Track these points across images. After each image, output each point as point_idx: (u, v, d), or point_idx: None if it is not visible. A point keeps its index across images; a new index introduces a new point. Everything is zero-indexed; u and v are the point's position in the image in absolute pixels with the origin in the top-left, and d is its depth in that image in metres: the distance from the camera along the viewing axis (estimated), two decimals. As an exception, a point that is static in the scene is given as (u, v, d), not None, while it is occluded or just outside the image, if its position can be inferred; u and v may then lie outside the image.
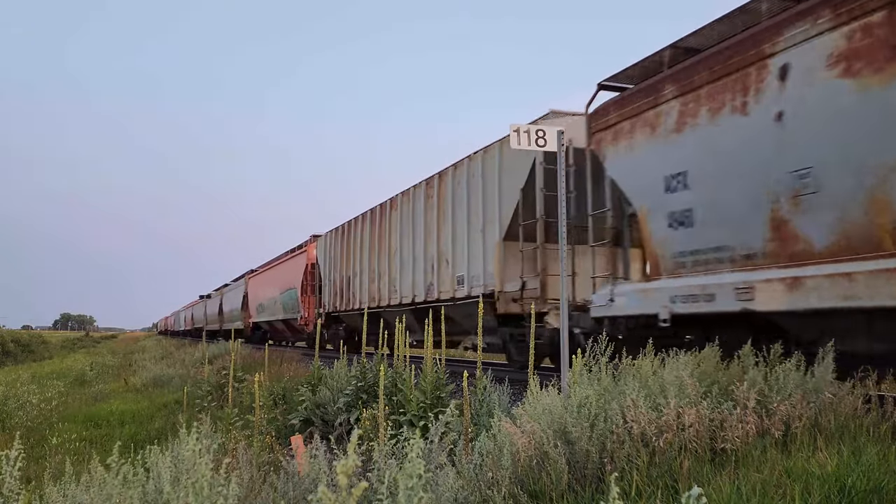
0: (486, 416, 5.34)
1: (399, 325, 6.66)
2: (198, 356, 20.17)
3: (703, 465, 3.68)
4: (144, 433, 9.16)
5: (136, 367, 22.78)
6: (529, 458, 3.71)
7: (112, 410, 11.98)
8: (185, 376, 15.94)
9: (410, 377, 6.01)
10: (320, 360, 8.53)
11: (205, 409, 8.35)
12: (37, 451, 7.85)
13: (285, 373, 12.03)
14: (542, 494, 3.57)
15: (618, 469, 3.63)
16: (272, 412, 7.69)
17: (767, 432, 4.05)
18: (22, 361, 36.99)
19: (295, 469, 3.82)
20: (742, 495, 3.16)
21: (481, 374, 5.82)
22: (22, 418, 10.24)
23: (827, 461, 3.53)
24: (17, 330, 59.61)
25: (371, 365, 7.32)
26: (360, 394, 6.94)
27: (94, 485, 3.14)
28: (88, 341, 71.31)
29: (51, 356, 42.29)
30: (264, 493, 3.63)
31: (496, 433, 3.95)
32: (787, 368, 4.73)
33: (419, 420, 5.60)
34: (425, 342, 6.05)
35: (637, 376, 4.76)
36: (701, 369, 5.05)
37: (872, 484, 3.16)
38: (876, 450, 3.67)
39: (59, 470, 4.68)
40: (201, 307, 50.94)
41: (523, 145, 6.58)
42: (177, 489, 2.41)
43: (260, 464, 4.49)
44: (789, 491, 3.14)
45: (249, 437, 5.61)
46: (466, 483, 3.63)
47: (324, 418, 7.12)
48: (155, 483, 3.03)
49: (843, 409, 4.40)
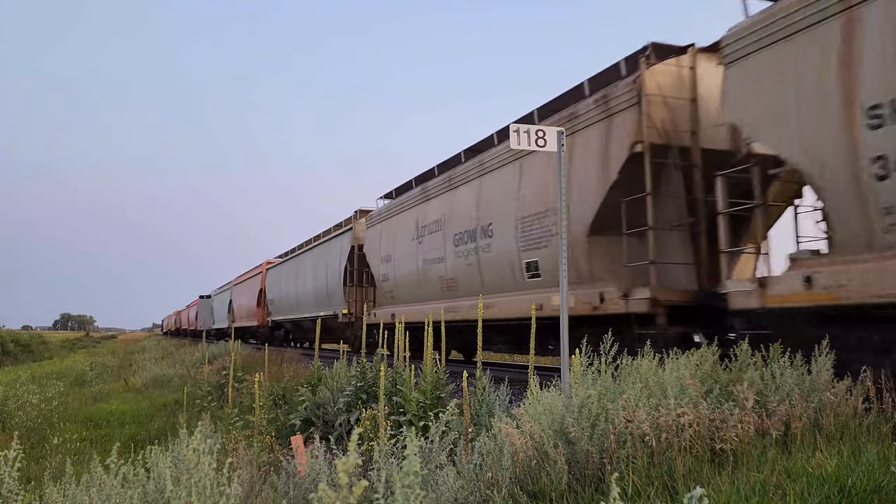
0: (486, 415, 5.34)
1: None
2: (198, 356, 20.16)
3: (702, 465, 3.68)
4: (144, 433, 9.15)
5: (136, 367, 22.78)
6: (529, 458, 3.71)
7: (112, 411, 11.98)
8: (185, 376, 15.95)
9: (410, 377, 6.02)
10: (320, 360, 8.54)
11: (205, 410, 8.35)
12: (37, 451, 7.85)
13: (285, 373, 12.03)
14: (542, 494, 3.57)
15: (618, 469, 3.63)
16: (272, 412, 7.69)
17: (767, 432, 4.05)
18: (22, 361, 36.97)
19: (295, 469, 3.83)
20: (742, 495, 3.16)
21: (481, 374, 5.82)
22: (22, 418, 10.23)
23: (827, 461, 3.53)
24: (16, 330, 59.58)
25: (371, 365, 7.33)
26: (360, 394, 6.95)
27: (94, 485, 3.14)
28: (88, 341, 71.30)
29: (50, 356, 42.27)
30: (264, 492, 3.63)
31: (496, 433, 3.95)
32: (782, 366, 4.74)
33: (419, 420, 5.60)
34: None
35: (637, 376, 4.76)
36: (703, 369, 5.05)
37: (872, 484, 3.17)
38: (876, 450, 3.67)
39: (59, 470, 4.68)
40: (222, 300, 43.34)
41: (523, 145, 6.58)
42: (178, 489, 2.42)
43: (260, 464, 4.49)
44: (789, 491, 3.15)
45: (249, 437, 5.61)
46: (466, 483, 3.63)
47: (324, 418, 7.12)
48: (156, 483, 3.03)
49: (843, 409, 4.40)
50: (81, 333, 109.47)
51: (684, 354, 5.24)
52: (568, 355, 5.21)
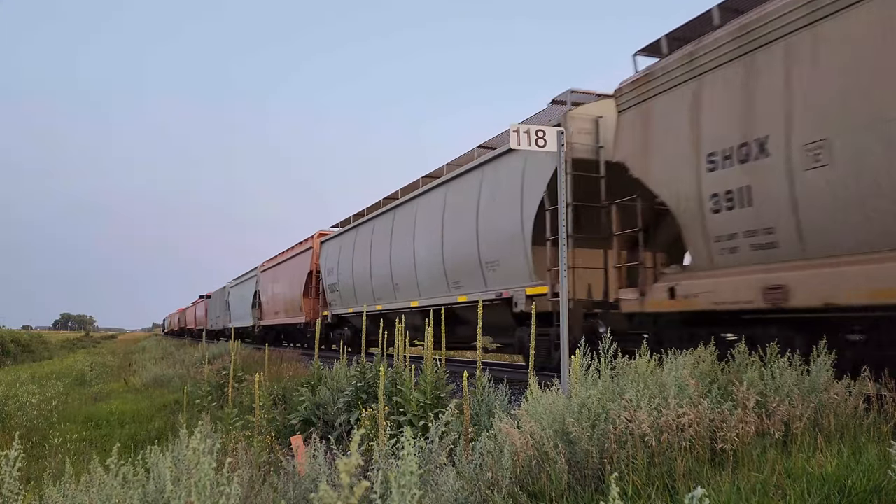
0: (486, 416, 5.34)
1: (399, 325, 6.66)
2: (197, 356, 20.16)
3: (702, 465, 3.68)
4: (144, 433, 9.16)
5: (136, 367, 22.78)
6: (529, 458, 3.71)
7: (112, 410, 11.98)
8: (184, 376, 15.95)
9: (410, 377, 6.01)
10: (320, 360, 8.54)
11: (205, 410, 8.35)
12: (37, 450, 7.85)
13: (285, 373, 12.04)
14: (542, 494, 3.57)
15: (618, 469, 3.63)
16: (272, 412, 7.70)
17: (767, 432, 4.05)
18: (22, 361, 36.94)
19: (295, 469, 3.83)
20: (742, 495, 3.16)
21: (481, 374, 5.82)
22: (22, 418, 10.22)
23: (827, 461, 3.53)
24: (17, 330, 59.52)
25: (371, 365, 7.33)
26: (359, 394, 6.95)
27: (94, 485, 3.14)
28: (88, 341, 71.24)
29: (50, 356, 42.25)
30: (264, 492, 3.63)
31: (496, 433, 3.95)
32: (781, 366, 4.75)
33: (419, 420, 5.60)
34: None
35: (636, 376, 4.76)
36: (700, 369, 5.05)
37: (872, 484, 3.17)
38: (876, 450, 3.67)
39: (59, 470, 4.68)
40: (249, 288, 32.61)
41: (523, 145, 6.58)
42: (178, 489, 2.42)
43: (260, 464, 4.50)
44: (790, 491, 3.15)
45: (249, 437, 5.61)
46: (466, 483, 3.63)
47: (324, 418, 7.13)
48: (156, 483, 3.03)
49: (843, 409, 4.40)
50: (81, 333, 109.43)
51: (682, 354, 5.24)
52: (568, 355, 5.21)
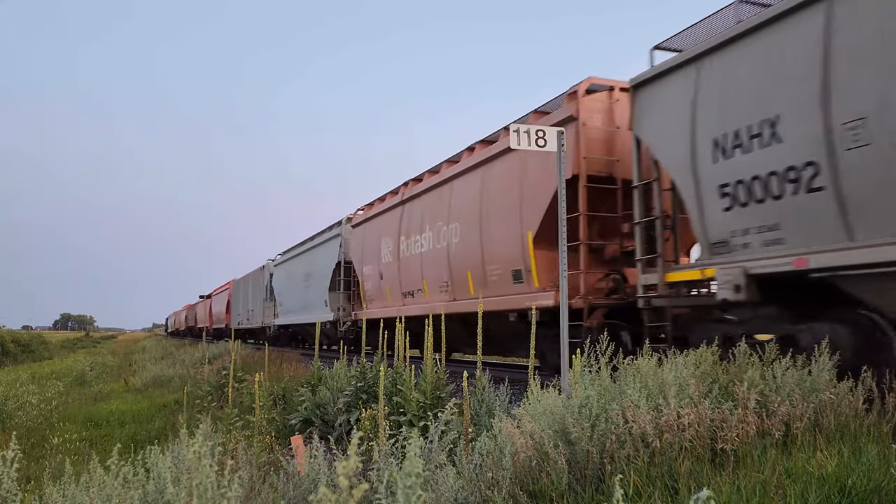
0: (486, 416, 5.34)
1: (399, 325, 6.65)
2: (198, 356, 20.16)
3: (703, 465, 3.68)
4: (144, 433, 9.15)
5: (136, 367, 22.78)
6: (529, 459, 3.71)
7: (112, 410, 11.98)
8: (185, 376, 15.94)
9: (410, 377, 6.01)
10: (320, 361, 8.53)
11: (205, 410, 8.34)
12: (37, 451, 7.85)
13: (285, 373, 12.04)
14: (542, 494, 3.57)
15: (618, 469, 3.63)
16: (272, 412, 7.69)
17: (768, 432, 4.05)
18: (22, 361, 36.92)
19: (295, 469, 3.82)
20: (742, 496, 3.16)
21: (481, 374, 5.81)
22: (22, 418, 10.22)
23: (827, 461, 3.53)
24: (16, 330, 59.47)
25: (370, 365, 7.32)
26: (359, 394, 6.95)
27: (94, 485, 3.13)
28: (88, 341, 71.20)
29: (51, 356, 42.22)
30: (264, 493, 3.63)
31: (497, 433, 3.94)
32: (783, 366, 4.75)
33: (419, 420, 5.60)
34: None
35: (637, 376, 4.75)
36: (701, 369, 5.05)
37: (873, 484, 3.16)
38: (876, 450, 3.67)
39: (58, 470, 4.67)
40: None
41: (523, 145, 6.58)
42: (178, 489, 2.41)
43: (260, 464, 4.49)
44: (790, 491, 3.14)
45: (249, 437, 5.61)
46: (467, 483, 3.63)
47: (324, 419, 7.12)
48: (156, 483, 3.03)
49: (843, 410, 4.39)
50: (81, 333, 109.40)
51: (683, 354, 5.24)
52: (568, 355, 5.21)
